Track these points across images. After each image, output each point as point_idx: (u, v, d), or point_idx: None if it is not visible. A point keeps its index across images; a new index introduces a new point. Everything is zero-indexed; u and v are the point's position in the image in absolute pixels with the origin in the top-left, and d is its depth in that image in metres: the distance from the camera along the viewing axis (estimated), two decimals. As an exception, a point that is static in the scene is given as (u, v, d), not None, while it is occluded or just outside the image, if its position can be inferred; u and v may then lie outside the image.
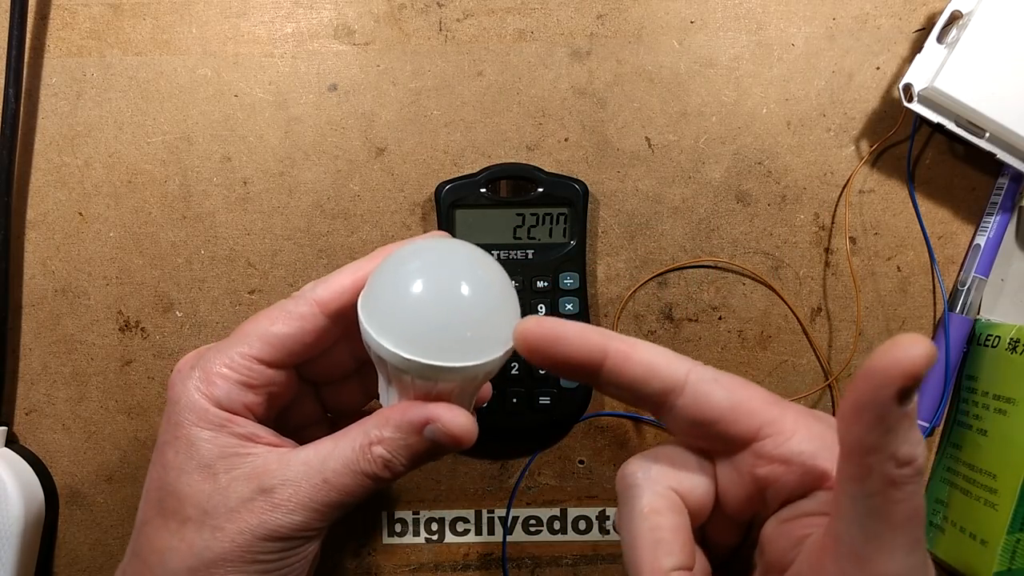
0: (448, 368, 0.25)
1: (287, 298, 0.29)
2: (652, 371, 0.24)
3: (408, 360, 0.25)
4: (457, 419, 0.26)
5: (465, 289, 0.26)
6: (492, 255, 0.38)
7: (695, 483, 0.25)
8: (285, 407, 0.31)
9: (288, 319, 0.28)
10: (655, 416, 0.26)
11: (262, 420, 0.29)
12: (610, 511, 0.40)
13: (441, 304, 0.26)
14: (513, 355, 0.26)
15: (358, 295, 0.28)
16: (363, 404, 0.34)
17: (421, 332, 0.25)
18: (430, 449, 0.27)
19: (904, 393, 0.18)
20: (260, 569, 0.26)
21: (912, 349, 0.18)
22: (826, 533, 0.21)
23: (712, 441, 0.25)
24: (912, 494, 0.19)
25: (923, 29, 0.39)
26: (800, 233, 0.40)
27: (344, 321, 0.29)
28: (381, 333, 0.25)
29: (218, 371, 0.28)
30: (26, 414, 0.40)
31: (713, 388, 0.24)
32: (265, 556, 0.26)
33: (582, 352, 0.24)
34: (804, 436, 0.24)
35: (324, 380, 0.32)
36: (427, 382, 0.26)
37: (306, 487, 0.26)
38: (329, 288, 0.28)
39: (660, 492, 0.25)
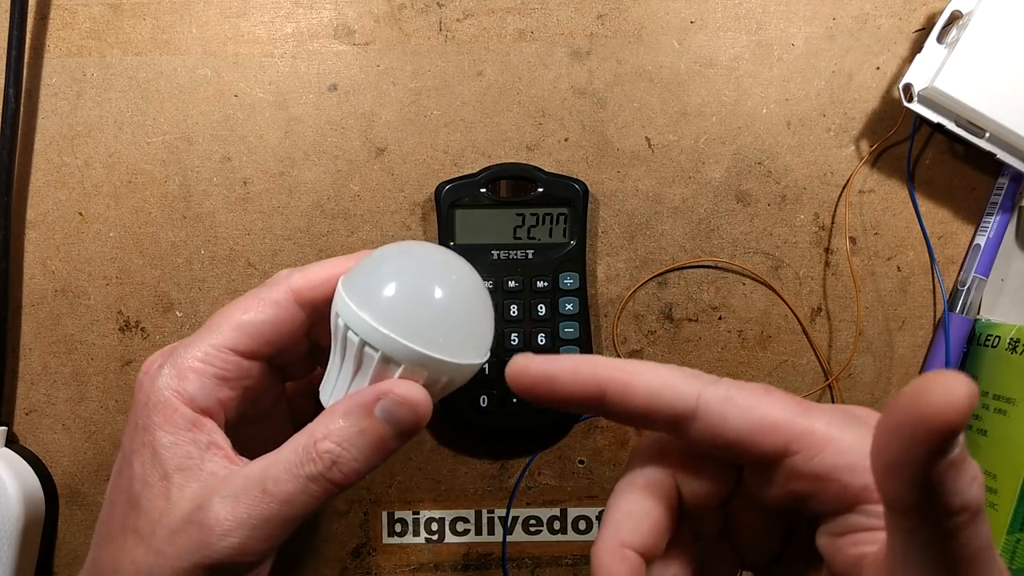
0: (420, 355, 0.25)
1: (260, 286, 0.28)
2: (657, 400, 0.22)
3: (385, 335, 0.25)
4: (411, 388, 0.25)
5: (448, 287, 0.26)
6: (492, 255, 0.38)
7: (700, 479, 0.23)
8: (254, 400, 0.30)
9: (262, 306, 0.27)
10: (674, 436, 0.23)
11: (233, 418, 0.28)
12: (610, 511, 0.40)
13: (426, 290, 0.26)
14: (514, 355, 0.26)
15: (333, 289, 0.27)
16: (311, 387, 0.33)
17: (403, 312, 0.25)
18: (385, 434, 0.25)
19: (945, 447, 0.15)
20: None
21: (950, 394, 0.15)
22: (885, 569, 0.19)
23: (737, 461, 0.23)
24: (972, 536, 0.17)
25: (923, 29, 0.39)
26: (800, 233, 0.39)
27: (315, 315, 0.28)
28: (386, 324, 0.25)
29: (190, 365, 0.26)
30: (26, 414, 0.40)
31: (728, 409, 0.22)
32: None
33: (576, 390, 0.23)
34: (837, 448, 0.21)
35: (282, 363, 0.31)
36: (388, 367, 0.25)
37: (244, 502, 0.24)
38: (306, 277, 0.27)
39: (656, 471, 0.23)
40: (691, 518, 0.24)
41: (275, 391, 0.32)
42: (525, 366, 0.23)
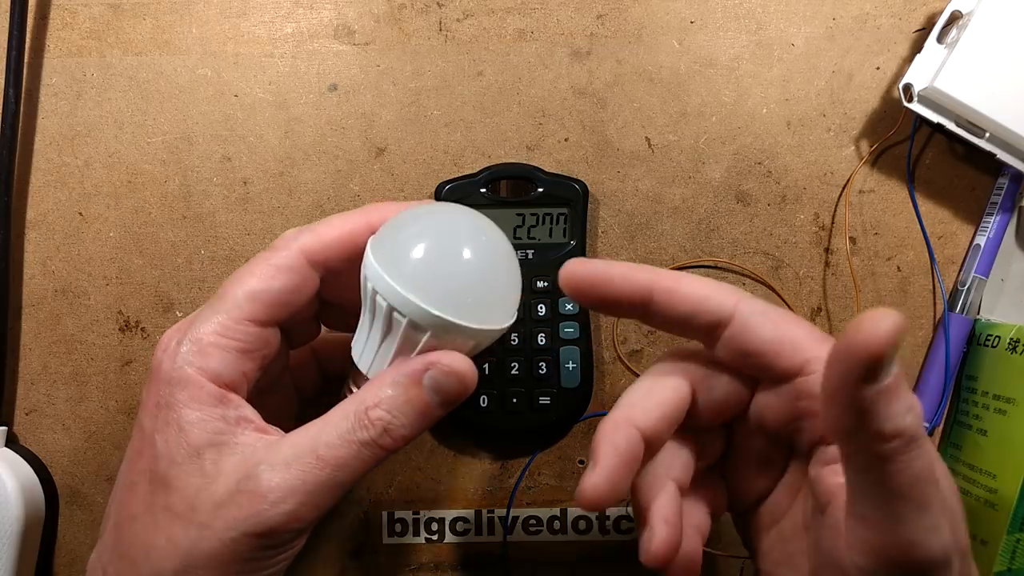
0: (447, 322, 0.25)
1: (267, 250, 0.27)
2: (699, 305, 0.25)
3: (412, 302, 0.25)
4: (456, 359, 0.26)
5: (477, 250, 0.26)
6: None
7: (716, 388, 0.26)
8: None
9: (277, 273, 0.26)
10: (703, 344, 0.26)
11: (254, 388, 0.28)
12: (610, 511, 0.40)
13: (454, 255, 0.26)
14: (513, 355, 0.26)
15: (346, 248, 0.27)
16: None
17: (431, 278, 0.25)
18: (431, 402, 0.26)
19: (871, 374, 0.18)
20: (249, 568, 0.25)
21: (876, 327, 0.17)
22: (845, 497, 0.22)
23: (756, 371, 0.25)
24: (909, 462, 0.19)
25: (923, 29, 0.39)
26: (800, 233, 0.40)
27: (328, 275, 0.28)
28: (414, 291, 0.25)
29: (212, 340, 0.25)
30: (26, 414, 0.40)
31: (760, 321, 0.24)
32: (254, 554, 0.24)
33: (626, 291, 0.25)
34: None
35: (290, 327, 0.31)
36: (416, 332, 0.26)
37: (296, 468, 0.24)
38: (317, 238, 0.27)
39: (676, 373, 0.26)
40: (697, 436, 0.27)
41: (282, 358, 0.31)
42: (581, 267, 0.25)
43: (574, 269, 0.25)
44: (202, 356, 0.25)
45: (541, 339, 0.38)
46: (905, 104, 0.37)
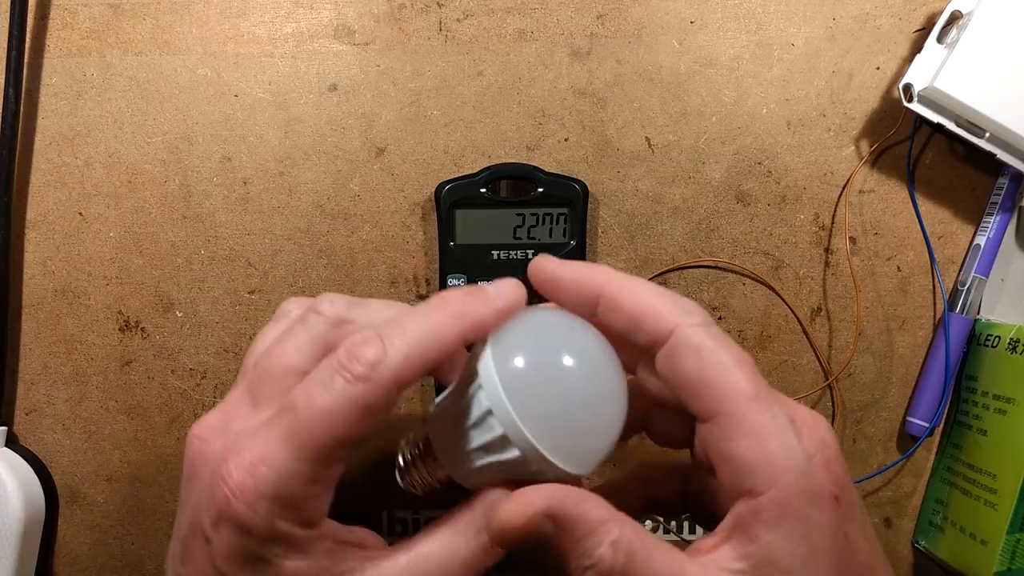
0: (567, 473, 0.24)
1: (345, 373, 0.23)
2: (637, 322, 0.24)
3: (519, 431, 0.24)
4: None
5: (598, 398, 0.25)
6: (492, 255, 0.38)
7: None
8: None
9: (371, 415, 0.23)
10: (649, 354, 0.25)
11: None
12: (610, 511, 0.40)
13: (576, 401, 0.24)
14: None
15: (435, 364, 0.25)
16: None
17: (566, 441, 0.24)
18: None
19: (531, 547, 0.22)
20: None
21: (489, 526, 0.22)
22: None
23: (679, 399, 0.24)
24: None
25: (923, 29, 0.39)
26: (800, 233, 0.40)
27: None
28: (527, 422, 0.24)
29: (304, 493, 0.23)
30: (26, 414, 0.40)
31: (687, 356, 0.23)
32: None
33: (574, 294, 0.25)
34: (749, 446, 0.22)
35: None
36: (503, 443, 0.24)
37: None
38: (409, 366, 0.23)
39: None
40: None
41: None
42: (541, 267, 0.26)
43: (534, 266, 0.26)
44: (294, 511, 0.23)
45: (541, 339, 0.37)
46: (905, 104, 0.37)
